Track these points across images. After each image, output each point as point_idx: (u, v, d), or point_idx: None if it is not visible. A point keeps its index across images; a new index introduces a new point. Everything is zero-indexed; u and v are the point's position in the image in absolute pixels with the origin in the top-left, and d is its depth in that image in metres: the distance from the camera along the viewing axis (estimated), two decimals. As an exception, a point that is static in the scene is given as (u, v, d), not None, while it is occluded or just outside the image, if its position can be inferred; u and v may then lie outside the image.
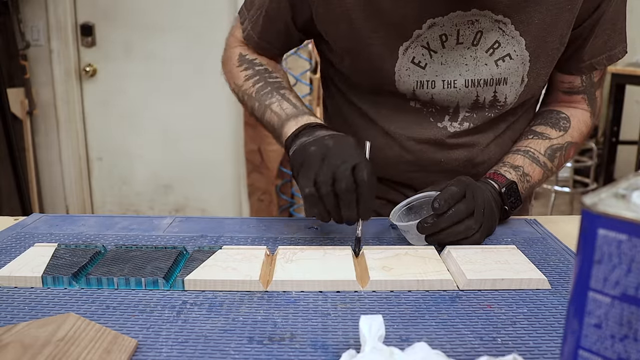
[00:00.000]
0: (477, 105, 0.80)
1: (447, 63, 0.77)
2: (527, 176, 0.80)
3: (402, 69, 0.78)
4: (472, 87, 0.78)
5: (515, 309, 0.55)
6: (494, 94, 0.79)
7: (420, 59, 0.77)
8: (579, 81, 0.86)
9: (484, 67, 0.77)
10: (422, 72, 0.77)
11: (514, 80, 0.78)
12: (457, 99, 0.79)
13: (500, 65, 0.77)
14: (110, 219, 0.82)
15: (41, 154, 2.81)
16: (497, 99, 0.80)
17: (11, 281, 0.59)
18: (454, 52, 0.76)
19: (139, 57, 2.71)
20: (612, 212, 0.30)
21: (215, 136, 2.77)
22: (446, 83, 0.78)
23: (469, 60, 0.76)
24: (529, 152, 0.82)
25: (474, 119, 0.81)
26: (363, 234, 0.68)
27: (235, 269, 0.61)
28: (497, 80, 0.78)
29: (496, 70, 0.77)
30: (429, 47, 0.76)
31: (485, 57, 0.76)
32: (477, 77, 0.77)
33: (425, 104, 0.81)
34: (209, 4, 2.62)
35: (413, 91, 0.79)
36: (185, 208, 2.89)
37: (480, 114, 0.81)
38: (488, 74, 0.77)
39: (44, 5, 2.62)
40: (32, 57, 2.68)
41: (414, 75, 0.78)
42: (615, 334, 0.31)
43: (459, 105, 0.80)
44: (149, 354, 0.46)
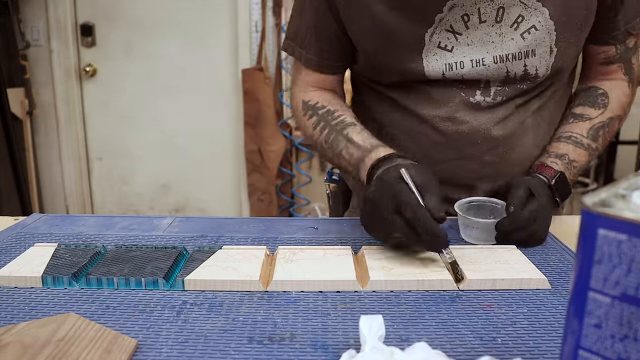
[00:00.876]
0: (508, 79, 0.79)
1: (473, 43, 0.77)
2: (574, 162, 0.80)
3: (429, 55, 0.78)
4: (501, 63, 0.78)
5: (515, 309, 0.55)
6: (524, 67, 0.78)
7: (446, 43, 0.77)
8: (614, 50, 0.85)
9: (511, 42, 0.77)
10: (449, 55, 0.78)
11: (542, 51, 0.78)
12: (487, 76, 0.79)
13: (527, 37, 0.76)
14: (110, 219, 0.82)
15: (41, 154, 2.81)
16: (527, 72, 0.79)
17: (11, 281, 0.59)
18: (479, 31, 0.76)
19: (139, 57, 2.71)
20: (612, 212, 0.30)
21: (215, 136, 2.77)
22: (474, 62, 0.78)
23: (495, 37, 0.76)
24: (572, 137, 0.82)
25: (506, 92, 0.80)
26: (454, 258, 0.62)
27: (235, 269, 0.61)
28: (525, 53, 0.77)
29: (523, 43, 0.77)
30: (453, 29, 0.76)
31: (511, 32, 0.76)
32: (505, 53, 0.77)
33: (455, 82, 0.80)
34: (208, 4, 2.62)
35: (443, 74, 0.79)
36: (185, 208, 2.89)
37: (512, 87, 0.80)
38: (515, 47, 0.77)
39: (44, 5, 2.62)
40: (32, 57, 2.68)
41: (442, 59, 0.78)
42: (615, 334, 0.31)
43: (489, 80, 0.80)
44: (149, 354, 0.46)
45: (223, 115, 2.74)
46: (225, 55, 2.65)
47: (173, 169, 2.84)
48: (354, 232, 0.76)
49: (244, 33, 2.58)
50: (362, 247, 0.68)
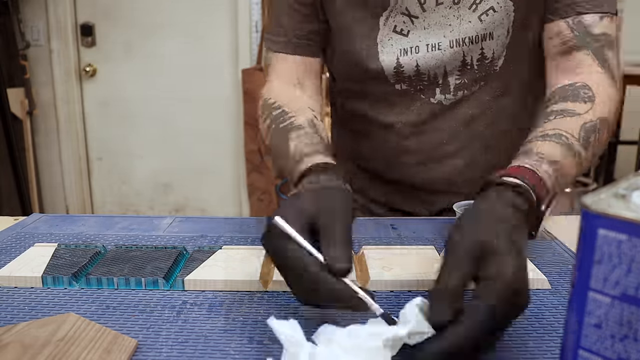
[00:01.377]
0: (465, 67, 0.76)
1: (430, 27, 0.74)
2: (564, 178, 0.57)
3: (384, 39, 0.75)
4: (457, 47, 0.74)
5: (515, 309, 0.55)
6: (481, 50, 0.74)
7: (402, 27, 0.74)
8: (567, 30, 0.71)
9: (468, 25, 0.73)
10: (405, 39, 0.75)
11: (499, 34, 0.73)
12: (444, 62, 0.75)
13: (484, 19, 0.73)
14: (110, 219, 0.82)
15: (41, 154, 2.81)
16: (484, 56, 0.75)
17: (11, 281, 0.59)
18: (436, 14, 0.73)
19: (139, 57, 2.71)
20: (612, 212, 0.30)
21: (215, 136, 2.77)
22: (430, 47, 0.75)
23: (453, 20, 0.73)
24: (562, 136, 0.60)
25: (465, 84, 0.77)
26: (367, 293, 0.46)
27: (235, 269, 0.61)
28: (483, 36, 0.73)
29: (480, 26, 0.73)
30: (409, 12, 0.73)
31: (469, 14, 0.73)
32: (462, 36, 0.74)
33: (412, 82, 0.77)
34: (208, 3, 2.62)
35: (397, 59, 0.76)
36: (185, 208, 2.89)
37: (470, 76, 0.76)
38: (472, 30, 0.73)
39: (44, 5, 2.62)
40: (32, 57, 2.68)
41: (397, 44, 0.75)
42: (615, 334, 0.31)
43: (446, 70, 0.76)
44: (149, 354, 0.46)
45: (223, 115, 2.74)
46: (225, 55, 2.65)
47: (173, 168, 2.84)
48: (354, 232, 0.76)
49: (244, 33, 2.58)
50: (362, 247, 0.68)
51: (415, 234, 0.75)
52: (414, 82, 0.78)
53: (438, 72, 0.77)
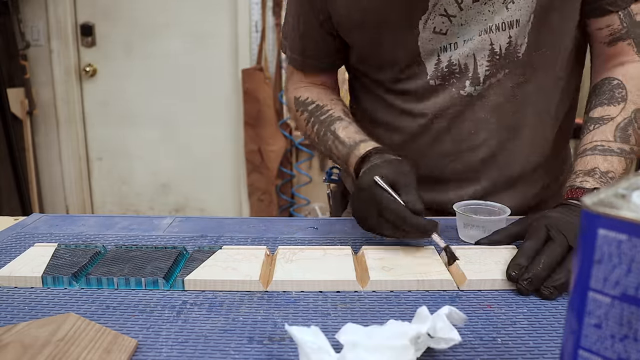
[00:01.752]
0: (494, 55, 0.77)
1: (466, 23, 0.76)
2: (609, 173, 0.71)
3: (425, 41, 0.78)
4: (485, 35, 0.76)
5: (515, 309, 0.55)
6: (509, 38, 0.76)
7: (441, 27, 0.77)
8: (618, 21, 0.76)
9: (496, 15, 0.75)
10: (444, 37, 0.77)
11: (524, 20, 0.75)
12: (473, 51, 0.77)
13: (510, 7, 0.75)
14: (110, 219, 0.82)
15: (41, 154, 2.81)
16: (511, 43, 0.77)
17: (11, 281, 0.59)
18: (472, 10, 0.75)
19: (139, 56, 2.71)
20: (612, 212, 0.30)
21: (215, 136, 2.77)
22: (466, 41, 0.77)
23: (487, 14, 0.76)
24: (597, 147, 0.73)
25: (493, 73, 0.78)
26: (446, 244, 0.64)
27: (235, 269, 0.61)
28: (510, 23, 0.75)
29: (507, 13, 0.75)
30: (447, 13, 0.75)
31: (501, 7, 0.75)
32: (489, 25, 0.76)
33: (445, 76, 0.79)
34: (209, 4, 2.62)
35: (438, 57, 0.79)
36: (185, 208, 2.89)
37: (498, 65, 0.78)
38: (499, 18, 0.75)
39: (44, 5, 2.62)
40: (32, 57, 2.68)
41: (436, 43, 0.78)
42: (615, 334, 0.31)
43: (475, 60, 0.78)
44: (149, 354, 0.46)
45: (223, 115, 2.74)
46: (225, 55, 2.65)
47: (173, 169, 2.84)
48: (354, 232, 0.76)
49: (244, 33, 2.58)
50: (362, 247, 0.68)
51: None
52: (447, 76, 0.80)
53: (468, 62, 0.78)
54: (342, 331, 0.44)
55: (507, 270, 0.59)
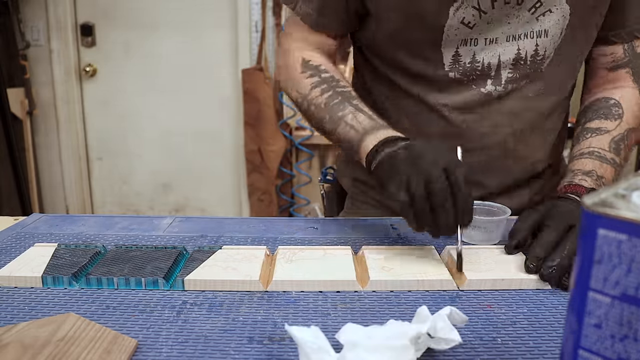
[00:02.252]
0: (519, 61, 0.78)
1: (492, 22, 0.76)
2: (602, 179, 0.74)
3: (451, 29, 0.76)
4: (513, 41, 0.77)
5: (515, 309, 0.55)
6: (536, 47, 0.77)
7: (470, 20, 0.76)
8: (622, 52, 0.83)
9: (526, 24, 0.76)
10: (468, 31, 0.77)
11: (554, 34, 0.77)
12: (498, 54, 0.77)
13: (541, 19, 0.76)
14: (110, 219, 0.82)
15: (41, 154, 2.81)
16: (537, 53, 0.77)
17: (11, 281, 0.59)
18: (501, 12, 0.75)
19: (138, 56, 2.71)
20: (612, 212, 0.30)
21: (215, 136, 2.77)
22: (488, 40, 0.77)
23: (513, 19, 0.76)
24: (595, 153, 0.77)
25: (516, 79, 0.79)
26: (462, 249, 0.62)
27: (235, 269, 0.61)
28: (538, 32, 0.76)
29: (537, 23, 0.76)
30: (480, 7, 0.75)
31: (528, 15, 0.76)
32: (518, 32, 0.76)
33: (465, 71, 0.79)
34: (208, 3, 2.62)
35: (457, 49, 0.78)
36: (185, 208, 2.89)
37: (522, 71, 0.78)
38: (529, 27, 0.76)
39: (44, 5, 2.62)
40: (32, 57, 2.68)
41: (460, 34, 0.77)
42: (615, 334, 0.31)
43: (500, 62, 0.78)
44: (149, 354, 0.46)
45: (223, 115, 2.74)
46: (225, 55, 2.65)
47: (173, 168, 2.84)
48: (354, 232, 0.76)
49: (244, 33, 2.58)
50: (362, 247, 0.68)
51: (415, 234, 0.75)
52: (468, 72, 0.79)
53: (492, 63, 0.78)
54: (342, 331, 0.44)
55: (525, 263, 0.60)
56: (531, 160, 0.86)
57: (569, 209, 0.66)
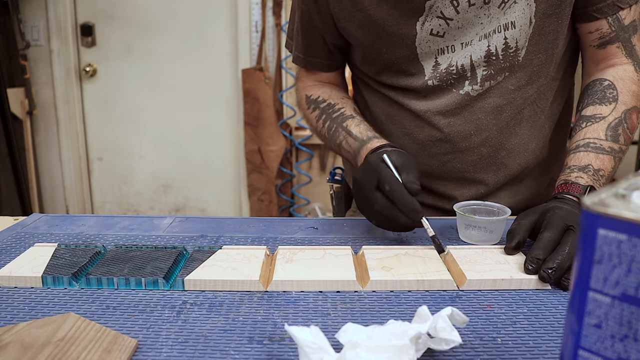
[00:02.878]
0: (490, 57, 0.78)
1: (464, 27, 0.77)
2: (600, 171, 0.73)
3: (422, 42, 0.79)
4: (484, 39, 0.78)
5: (515, 309, 0.55)
6: (505, 40, 0.77)
7: (438, 30, 0.78)
8: (607, 26, 0.79)
9: (495, 20, 0.77)
10: (441, 40, 0.79)
11: (522, 23, 0.76)
12: (472, 53, 0.79)
13: (507, 12, 0.76)
14: (110, 219, 0.82)
15: (41, 154, 2.80)
16: (508, 45, 0.78)
17: (11, 281, 0.59)
18: (469, 14, 0.76)
19: (139, 57, 2.71)
20: (612, 212, 0.30)
21: (215, 136, 2.77)
22: (464, 44, 0.79)
23: (484, 18, 0.77)
24: (590, 144, 0.75)
25: (492, 75, 0.80)
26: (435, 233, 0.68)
27: (235, 269, 0.61)
28: (505, 25, 0.77)
29: (503, 17, 0.76)
30: (444, 15, 0.76)
31: (498, 12, 0.76)
32: (489, 30, 0.77)
33: (442, 77, 0.81)
34: (208, 4, 2.62)
35: (435, 59, 0.80)
36: (185, 208, 2.89)
37: (496, 66, 0.79)
38: (496, 23, 0.77)
39: (44, 5, 2.62)
40: (32, 57, 2.67)
41: (434, 45, 0.79)
42: (615, 334, 0.31)
43: (472, 61, 0.79)
44: (149, 354, 0.46)
45: (223, 115, 2.74)
46: (225, 55, 2.65)
47: (173, 169, 2.84)
48: (354, 232, 0.76)
49: (244, 33, 2.58)
50: (362, 247, 0.68)
51: (415, 234, 0.75)
52: (444, 77, 0.81)
53: (465, 64, 0.79)
54: (342, 331, 0.44)
55: (525, 264, 0.61)
56: (526, 152, 0.86)
57: (566, 210, 0.65)
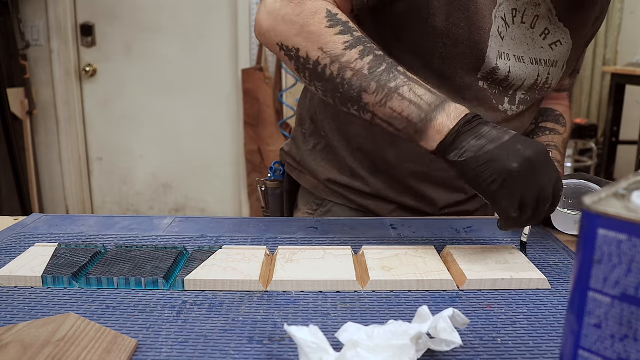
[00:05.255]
0: (535, 85, 0.80)
1: (515, 39, 0.76)
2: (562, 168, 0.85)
3: (492, 35, 0.72)
4: (536, 65, 0.78)
5: (515, 309, 0.55)
6: (548, 75, 0.80)
7: (501, 30, 0.74)
8: (567, 81, 0.95)
9: (541, 50, 0.78)
10: (501, 42, 0.74)
11: (560, 65, 0.81)
12: (525, 77, 0.78)
13: (554, 49, 0.79)
14: (110, 219, 0.82)
15: (41, 154, 2.81)
16: (547, 81, 0.81)
17: (11, 281, 0.59)
18: (519, 30, 0.76)
19: (139, 57, 2.71)
20: (612, 212, 0.30)
21: (215, 136, 2.77)
22: (517, 58, 0.77)
23: (529, 40, 0.77)
24: (558, 147, 0.88)
25: (526, 101, 0.82)
26: None
27: (235, 269, 0.61)
28: (552, 62, 0.80)
29: (552, 53, 0.79)
30: (505, 19, 0.74)
31: (540, 40, 0.78)
32: (538, 57, 0.78)
33: (493, 83, 0.76)
34: (208, 4, 2.62)
35: (496, 61, 0.74)
36: (185, 208, 2.89)
37: (532, 95, 0.82)
38: (546, 55, 0.79)
39: (44, 5, 2.62)
40: (32, 57, 2.68)
41: (496, 45, 0.74)
42: (615, 334, 0.31)
43: (523, 84, 0.79)
44: (149, 354, 0.46)
45: (223, 115, 2.74)
46: (225, 55, 2.65)
47: (173, 168, 2.84)
48: (354, 232, 0.76)
49: (244, 33, 2.58)
50: (362, 247, 0.68)
51: (415, 234, 0.75)
52: (494, 85, 0.77)
53: (517, 84, 0.79)
54: (343, 330, 0.44)
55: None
56: None
57: None
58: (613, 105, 2.89)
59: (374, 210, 0.89)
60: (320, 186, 0.91)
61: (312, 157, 0.91)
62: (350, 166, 0.87)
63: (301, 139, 0.94)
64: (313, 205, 0.93)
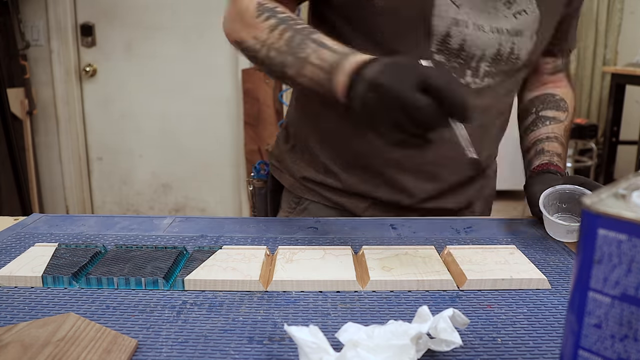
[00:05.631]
0: (497, 56, 0.79)
1: (474, 8, 0.76)
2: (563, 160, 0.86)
3: (439, 3, 0.73)
4: (497, 34, 0.78)
5: (515, 309, 0.55)
6: (512, 45, 0.79)
7: None
8: (560, 61, 0.95)
9: (504, 19, 0.78)
10: (456, 10, 0.74)
11: (527, 35, 0.80)
12: (485, 46, 0.77)
13: (519, 17, 0.78)
14: (110, 219, 0.82)
15: (41, 154, 2.81)
16: (513, 52, 0.80)
17: (11, 281, 0.59)
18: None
19: (139, 57, 2.71)
20: (612, 212, 0.30)
21: (215, 136, 2.77)
22: (476, 26, 0.76)
23: (491, 10, 0.77)
24: (558, 138, 0.87)
25: (493, 73, 0.80)
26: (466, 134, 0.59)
27: (235, 269, 0.61)
28: (516, 31, 0.79)
29: (515, 22, 0.78)
30: None
31: (504, 9, 0.77)
32: (500, 26, 0.78)
33: (451, 55, 0.77)
34: (208, 4, 2.62)
35: (448, 30, 0.75)
36: (185, 208, 2.89)
37: (498, 67, 0.80)
38: (508, 24, 0.78)
39: (44, 5, 2.62)
40: (32, 57, 2.68)
41: (450, 11, 0.74)
42: (615, 334, 0.31)
43: (483, 54, 0.78)
44: (149, 354, 0.46)
45: (223, 115, 2.74)
46: (225, 55, 2.65)
47: (173, 168, 2.84)
48: (353, 232, 0.76)
49: (244, 33, 2.58)
50: (362, 247, 0.68)
51: (415, 234, 0.75)
52: (452, 58, 0.77)
53: (476, 54, 0.78)
54: (343, 330, 0.44)
55: None
56: (484, 156, 0.89)
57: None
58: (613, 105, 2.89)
59: (348, 208, 0.89)
60: (296, 184, 0.92)
61: (290, 156, 0.93)
62: (323, 162, 0.88)
63: (282, 140, 0.96)
64: (292, 204, 0.93)
